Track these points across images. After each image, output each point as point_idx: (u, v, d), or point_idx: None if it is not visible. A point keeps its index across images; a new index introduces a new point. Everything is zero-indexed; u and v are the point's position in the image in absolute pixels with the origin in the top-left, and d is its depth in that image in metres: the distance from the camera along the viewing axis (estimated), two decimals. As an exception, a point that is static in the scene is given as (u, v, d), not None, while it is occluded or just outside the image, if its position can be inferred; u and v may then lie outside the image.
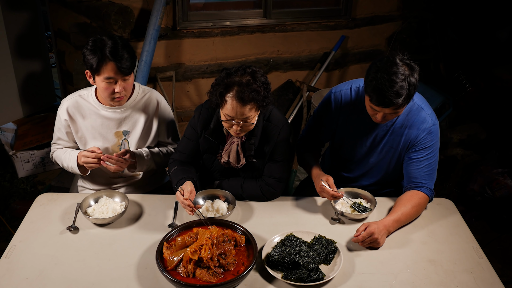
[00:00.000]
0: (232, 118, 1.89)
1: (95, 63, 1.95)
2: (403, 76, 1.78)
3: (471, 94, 4.26)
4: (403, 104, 1.82)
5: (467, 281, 1.69)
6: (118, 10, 3.30)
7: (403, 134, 2.04)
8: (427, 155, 2.02)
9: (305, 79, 4.38)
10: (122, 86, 2.02)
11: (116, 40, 1.98)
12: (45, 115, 3.84)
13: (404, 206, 1.95)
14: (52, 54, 4.49)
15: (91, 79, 2.06)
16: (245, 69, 1.89)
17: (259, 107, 1.90)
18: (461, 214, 2.08)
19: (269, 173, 2.10)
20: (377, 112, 1.90)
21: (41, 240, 1.85)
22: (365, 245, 1.83)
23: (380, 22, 4.38)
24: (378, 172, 2.21)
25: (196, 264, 1.64)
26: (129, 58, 1.98)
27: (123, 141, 2.21)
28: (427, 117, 2.01)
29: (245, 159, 2.05)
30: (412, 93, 1.82)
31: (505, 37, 4.22)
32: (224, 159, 2.07)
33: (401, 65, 1.80)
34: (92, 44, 1.97)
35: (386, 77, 1.77)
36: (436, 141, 2.03)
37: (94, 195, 2.04)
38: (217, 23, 3.93)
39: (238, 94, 1.83)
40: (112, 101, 2.08)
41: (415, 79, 1.81)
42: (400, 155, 2.10)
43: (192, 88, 4.12)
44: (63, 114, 2.16)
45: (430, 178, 2.03)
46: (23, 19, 3.63)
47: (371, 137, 2.11)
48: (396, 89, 1.76)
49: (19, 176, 3.64)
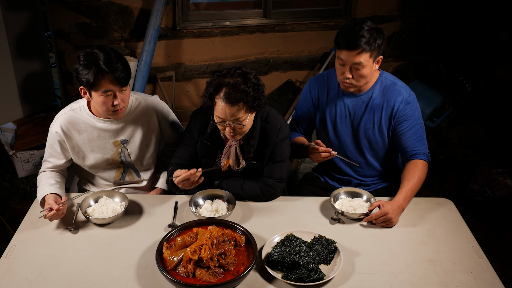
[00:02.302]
0: (223, 120, 1.89)
1: (92, 78, 1.90)
2: (368, 28, 1.98)
3: (471, 94, 4.26)
4: (365, 49, 1.96)
5: (467, 281, 1.69)
6: (118, 10, 3.30)
7: (382, 108, 2.15)
8: (410, 123, 2.14)
9: (305, 79, 4.38)
10: (121, 98, 1.99)
11: (108, 51, 1.94)
12: (45, 115, 3.84)
13: (408, 181, 2.05)
14: (52, 54, 4.49)
15: (86, 95, 2.00)
16: (235, 71, 1.89)
17: (249, 108, 1.88)
18: (461, 214, 2.08)
19: (268, 173, 2.10)
20: (344, 67, 2.02)
21: (41, 240, 1.85)
22: (379, 224, 1.94)
23: (380, 22, 4.38)
24: (369, 156, 2.26)
25: (196, 264, 1.64)
26: (124, 68, 1.95)
27: (122, 150, 2.19)
28: (401, 90, 2.14)
29: (244, 161, 2.05)
30: (375, 45, 1.98)
31: (505, 37, 4.22)
32: (224, 163, 2.07)
33: (370, 23, 2.01)
34: (84, 58, 1.92)
35: (353, 23, 2.01)
36: (415, 110, 2.15)
37: (94, 195, 2.04)
38: (217, 23, 3.93)
39: (226, 95, 1.84)
40: (111, 114, 2.04)
41: (381, 38, 2.01)
42: (387, 132, 2.19)
43: (192, 88, 4.12)
44: (57, 131, 2.09)
45: (421, 143, 2.16)
46: (23, 19, 3.63)
47: (350, 116, 2.20)
48: (362, 32, 1.96)
49: (19, 176, 3.64)
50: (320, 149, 2.09)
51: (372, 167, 2.30)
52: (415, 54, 4.60)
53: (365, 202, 2.05)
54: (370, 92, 2.15)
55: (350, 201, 2.05)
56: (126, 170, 2.26)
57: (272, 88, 4.32)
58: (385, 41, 2.04)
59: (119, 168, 2.24)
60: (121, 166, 2.24)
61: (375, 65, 2.07)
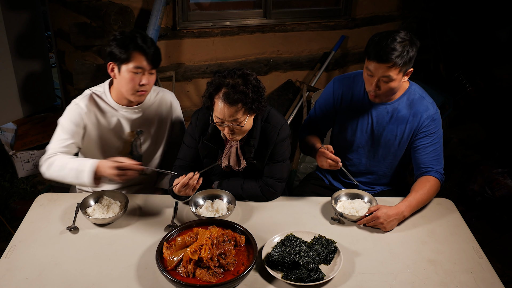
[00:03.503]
0: (222, 120, 1.89)
1: (125, 52, 1.95)
2: (401, 39, 1.91)
3: (471, 94, 4.26)
4: (396, 63, 1.89)
5: (467, 281, 1.69)
6: (118, 10, 3.30)
7: (407, 122, 2.10)
8: (432, 141, 2.09)
9: (305, 79, 4.38)
10: (148, 79, 2.02)
11: (144, 34, 2.01)
12: (45, 115, 3.84)
13: (416, 192, 2.02)
14: (52, 54, 4.50)
15: (113, 72, 2.03)
16: (235, 72, 1.90)
17: (247, 110, 1.88)
18: (461, 214, 2.08)
19: (269, 173, 2.10)
20: (372, 78, 1.97)
21: (41, 240, 1.85)
22: (370, 225, 1.94)
23: (380, 22, 4.38)
24: (382, 165, 2.23)
25: (196, 264, 1.64)
26: (157, 51, 2.01)
27: (135, 139, 2.20)
28: (429, 105, 2.10)
29: (245, 161, 2.05)
30: (406, 58, 1.91)
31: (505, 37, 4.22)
32: (225, 163, 2.07)
33: (403, 34, 1.94)
34: (120, 35, 1.98)
35: (387, 35, 1.92)
36: (439, 128, 2.11)
37: (94, 195, 2.04)
38: (217, 23, 3.93)
39: (225, 95, 1.84)
40: (134, 95, 2.04)
41: (413, 51, 1.93)
42: (406, 144, 2.15)
43: (192, 88, 4.12)
44: (78, 104, 2.07)
45: (437, 162, 2.11)
46: (23, 19, 3.64)
47: (372, 125, 2.15)
48: (393, 45, 1.89)
49: (19, 176, 3.64)
50: (328, 155, 2.03)
51: (383, 176, 2.27)
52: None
53: (366, 203, 2.05)
54: (396, 104, 2.10)
55: (351, 203, 2.04)
56: None
57: (272, 88, 4.32)
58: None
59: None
60: (129, 157, 2.23)
61: (405, 77, 2.01)
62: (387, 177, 2.28)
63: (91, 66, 3.61)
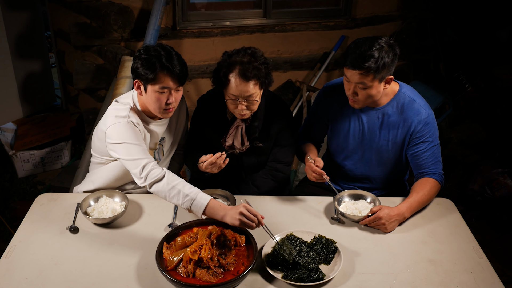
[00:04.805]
0: (237, 97, 1.97)
1: (152, 72, 1.86)
2: (379, 46, 1.88)
3: (471, 94, 4.26)
4: (368, 70, 1.87)
5: (467, 281, 1.69)
6: (118, 10, 3.30)
7: (398, 127, 2.08)
8: (427, 146, 2.08)
9: (305, 79, 4.38)
10: (174, 97, 1.94)
11: (168, 49, 1.92)
12: (45, 115, 3.84)
13: (417, 193, 2.02)
14: (52, 54, 4.49)
15: (140, 89, 1.95)
16: (245, 50, 1.99)
17: (261, 84, 1.98)
18: (461, 214, 2.08)
19: (276, 158, 2.19)
20: (350, 84, 1.97)
21: (41, 240, 1.85)
22: (371, 226, 1.93)
23: (380, 22, 4.38)
24: (378, 170, 2.22)
25: (196, 264, 1.64)
26: (183, 67, 1.92)
27: (158, 147, 2.18)
28: (420, 109, 2.05)
29: (249, 142, 2.13)
30: (380, 67, 1.87)
31: (505, 37, 4.22)
32: (229, 143, 2.15)
33: (383, 41, 1.91)
34: (145, 53, 1.89)
35: (365, 40, 1.91)
36: (434, 130, 2.08)
37: (94, 195, 2.04)
38: (217, 23, 3.93)
39: (240, 71, 1.93)
40: (161, 113, 1.97)
41: (389, 57, 1.90)
42: (401, 149, 2.14)
43: (192, 88, 4.12)
44: (131, 120, 1.95)
45: (436, 164, 2.10)
46: (23, 19, 3.63)
47: (364, 131, 2.14)
48: (369, 52, 1.86)
49: (19, 176, 3.64)
50: (313, 168, 2.01)
51: (380, 181, 2.27)
52: (415, 54, 4.60)
53: (369, 204, 2.05)
54: (386, 108, 2.08)
55: (354, 204, 2.04)
56: None
57: (272, 88, 4.30)
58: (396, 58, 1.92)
59: None
60: None
61: (385, 84, 1.98)
62: (384, 181, 2.27)
63: (91, 66, 3.61)
